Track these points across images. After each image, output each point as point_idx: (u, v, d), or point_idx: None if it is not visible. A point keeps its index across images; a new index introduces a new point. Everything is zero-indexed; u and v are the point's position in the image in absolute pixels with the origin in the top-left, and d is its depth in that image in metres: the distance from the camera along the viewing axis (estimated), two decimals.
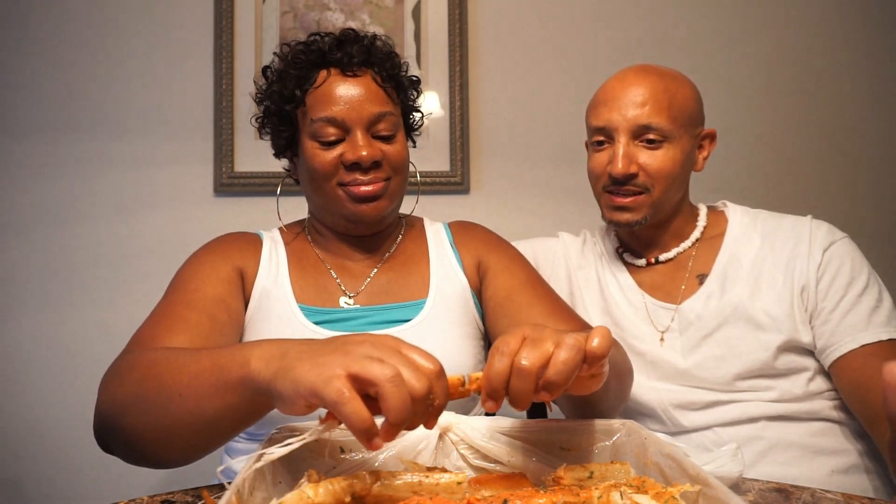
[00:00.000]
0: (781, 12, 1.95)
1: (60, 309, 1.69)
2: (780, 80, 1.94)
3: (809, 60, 1.96)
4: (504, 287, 1.00)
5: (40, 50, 1.72)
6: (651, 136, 1.03)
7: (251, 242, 1.02)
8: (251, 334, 0.94)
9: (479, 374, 0.58)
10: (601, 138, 1.07)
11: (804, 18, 1.96)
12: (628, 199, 1.05)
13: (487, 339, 1.05)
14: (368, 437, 0.49)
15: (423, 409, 0.52)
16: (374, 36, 1.01)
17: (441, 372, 0.53)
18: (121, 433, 0.69)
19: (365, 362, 0.50)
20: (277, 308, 0.95)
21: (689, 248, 1.12)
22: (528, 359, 0.56)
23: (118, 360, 0.76)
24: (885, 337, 0.95)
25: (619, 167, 1.02)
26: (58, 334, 1.68)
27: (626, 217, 1.06)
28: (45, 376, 1.67)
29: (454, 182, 1.80)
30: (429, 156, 1.78)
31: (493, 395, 0.57)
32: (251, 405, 0.60)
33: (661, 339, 1.08)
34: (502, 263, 1.03)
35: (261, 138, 1.06)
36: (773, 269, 1.03)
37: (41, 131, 1.71)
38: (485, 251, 1.06)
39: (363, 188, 0.94)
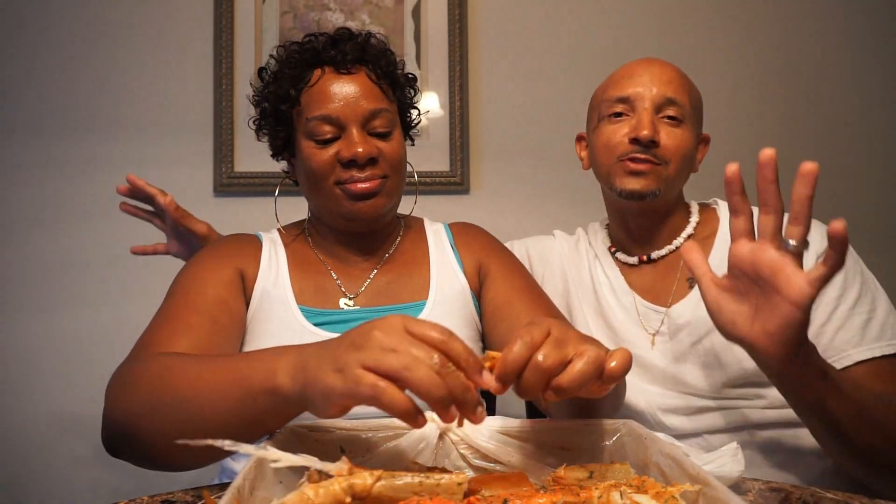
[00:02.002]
0: (781, 14, 1.95)
1: (59, 309, 1.69)
2: (779, 80, 1.94)
3: (808, 61, 1.96)
4: (503, 292, 1.00)
5: (38, 50, 1.72)
6: (672, 113, 1.04)
7: (251, 244, 1.02)
8: (252, 336, 0.94)
9: (498, 354, 0.59)
10: (621, 109, 1.06)
11: (803, 20, 1.96)
12: (644, 165, 1.03)
13: (484, 342, 1.05)
14: (413, 417, 0.52)
15: (455, 378, 0.53)
16: (369, 34, 1.01)
17: (452, 335, 0.55)
18: (134, 441, 0.69)
19: (378, 355, 0.52)
20: (278, 310, 0.95)
21: (681, 246, 1.11)
22: (547, 357, 0.57)
23: (126, 366, 0.76)
24: (878, 353, 0.94)
25: (647, 131, 1.01)
26: (56, 334, 1.68)
27: (641, 184, 1.03)
28: (44, 376, 1.67)
29: (454, 182, 1.80)
30: (429, 156, 1.78)
31: (503, 378, 0.58)
32: (279, 415, 0.62)
33: (652, 343, 1.07)
34: (503, 269, 1.03)
35: (259, 139, 1.06)
36: None
37: (40, 131, 1.71)
38: (485, 254, 1.05)
39: (360, 185, 0.94)
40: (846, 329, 0.96)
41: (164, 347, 0.79)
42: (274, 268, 1.00)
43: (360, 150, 0.92)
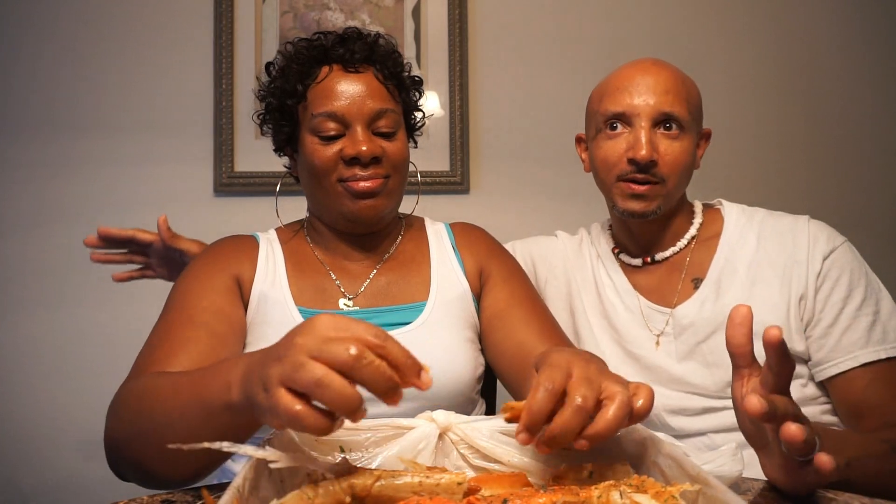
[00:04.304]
0: (781, 12, 1.95)
1: (59, 309, 1.69)
2: (780, 79, 1.94)
3: (809, 60, 1.96)
4: (502, 300, 1.00)
5: (38, 50, 1.72)
6: (670, 125, 1.02)
7: (247, 246, 1.01)
8: (252, 339, 0.93)
9: (518, 404, 0.58)
10: (617, 123, 1.04)
11: (804, 18, 1.96)
12: (645, 188, 1.02)
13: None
14: (332, 430, 0.50)
15: (372, 371, 0.50)
16: (378, 34, 1.01)
17: (388, 337, 0.52)
18: (130, 461, 0.72)
19: (291, 371, 0.50)
20: (276, 312, 0.94)
21: (685, 247, 1.11)
22: (586, 399, 0.55)
23: (122, 387, 0.77)
24: (882, 356, 0.95)
25: (645, 153, 0.99)
26: (56, 334, 1.68)
27: (642, 206, 1.03)
28: (43, 376, 1.67)
29: (454, 182, 1.80)
30: (429, 156, 1.78)
31: (531, 428, 0.56)
32: (242, 429, 0.61)
33: (657, 343, 1.07)
34: (503, 275, 1.03)
35: (263, 134, 1.06)
36: (769, 276, 1.02)
37: (40, 131, 1.71)
38: (487, 258, 1.05)
39: (362, 184, 0.94)
40: (852, 330, 0.97)
41: (163, 366, 0.79)
42: (271, 269, 0.99)
43: (365, 148, 0.92)
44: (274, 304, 0.95)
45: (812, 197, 1.92)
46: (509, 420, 0.59)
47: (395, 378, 0.51)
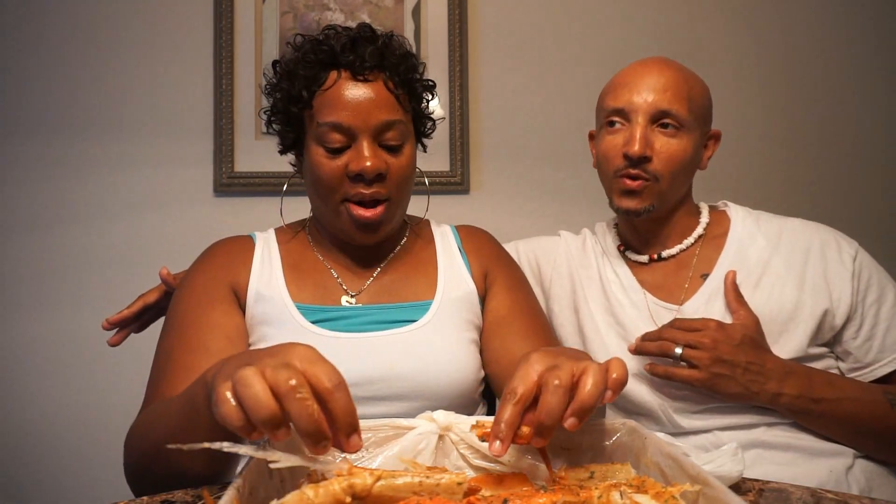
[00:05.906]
0: (784, 13, 1.95)
1: (60, 309, 1.69)
2: (782, 81, 1.94)
3: (811, 61, 1.95)
4: (504, 308, 1.00)
5: (39, 50, 1.72)
6: (668, 122, 1.03)
7: (242, 248, 1.01)
8: (253, 339, 0.93)
9: (487, 419, 0.60)
10: (616, 119, 1.06)
11: (806, 19, 1.96)
12: (636, 183, 1.04)
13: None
14: (244, 432, 0.52)
15: (299, 406, 0.50)
16: (391, 35, 0.97)
17: (340, 386, 0.53)
18: (153, 481, 0.73)
19: (235, 372, 0.52)
20: (273, 310, 0.94)
21: (692, 245, 1.11)
22: (562, 378, 0.57)
23: (135, 420, 0.82)
24: None
25: (637, 148, 1.01)
26: (57, 335, 1.68)
27: (634, 203, 1.05)
28: (45, 377, 1.67)
29: (454, 182, 1.80)
30: (429, 156, 1.78)
31: (500, 436, 0.57)
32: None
33: None
34: (508, 283, 1.03)
35: (268, 132, 1.04)
36: (780, 273, 1.03)
37: (40, 131, 1.71)
38: (493, 264, 1.05)
39: (363, 214, 0.92)
40: (894, 328, 1.01)
41: (170, 395, 0.80)
42: (267, 268, 0.98)
43: (369, 164, 0.89)
44: (270, 303, 0.94)
45: (818, 200, 1.92)
46: (481, 437, 0.60)
47: (322, 426, 0.51)
